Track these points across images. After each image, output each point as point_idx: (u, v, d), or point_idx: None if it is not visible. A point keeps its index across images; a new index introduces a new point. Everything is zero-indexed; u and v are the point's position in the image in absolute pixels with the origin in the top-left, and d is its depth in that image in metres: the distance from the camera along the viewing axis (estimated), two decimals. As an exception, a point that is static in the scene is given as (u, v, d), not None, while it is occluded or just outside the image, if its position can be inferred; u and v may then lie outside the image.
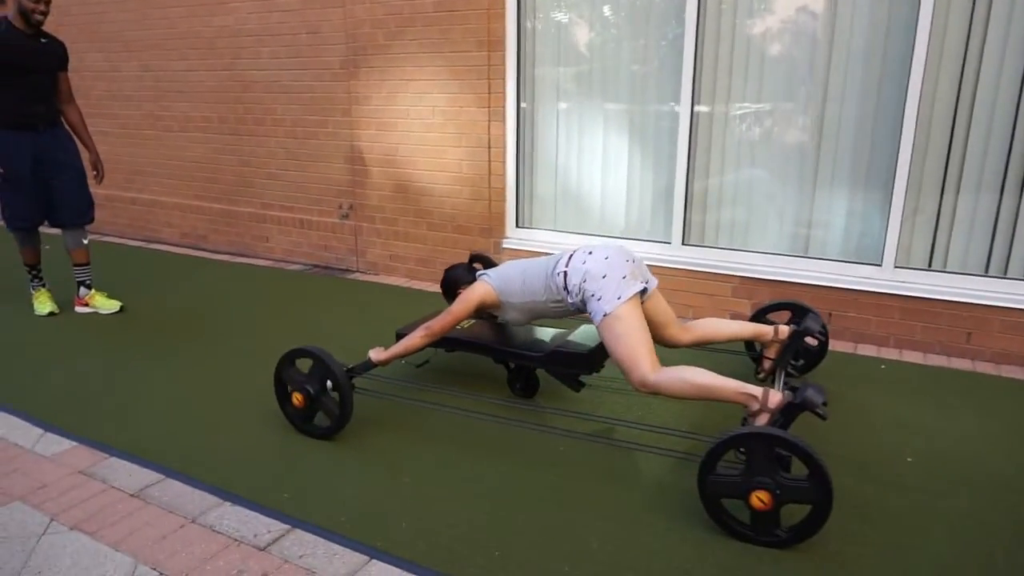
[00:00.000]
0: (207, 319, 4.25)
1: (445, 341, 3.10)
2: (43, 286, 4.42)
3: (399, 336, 3.16)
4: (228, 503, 2.35)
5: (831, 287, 3.82)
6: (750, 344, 3.39)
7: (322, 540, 2.15)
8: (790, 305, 3.25)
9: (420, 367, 3.47)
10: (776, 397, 2.31)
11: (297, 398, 2.76)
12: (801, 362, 3.27)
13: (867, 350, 3.74)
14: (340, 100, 5.12)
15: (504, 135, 4.54)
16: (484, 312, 3.02)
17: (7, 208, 4.09)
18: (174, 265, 5.63)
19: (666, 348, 2.94)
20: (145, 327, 4.09)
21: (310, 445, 2.72)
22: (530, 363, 2.96)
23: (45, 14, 3.91)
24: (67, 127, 4.25)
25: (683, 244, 4.21)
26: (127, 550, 2.11)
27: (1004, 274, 3.56)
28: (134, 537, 2.17)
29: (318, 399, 2.72)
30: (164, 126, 6.17)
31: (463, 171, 4.72)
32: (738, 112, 3.96)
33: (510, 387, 3.19)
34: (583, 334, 3.05)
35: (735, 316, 4.08)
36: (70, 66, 4.30)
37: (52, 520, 2.26)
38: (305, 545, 2.13)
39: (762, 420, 2.32)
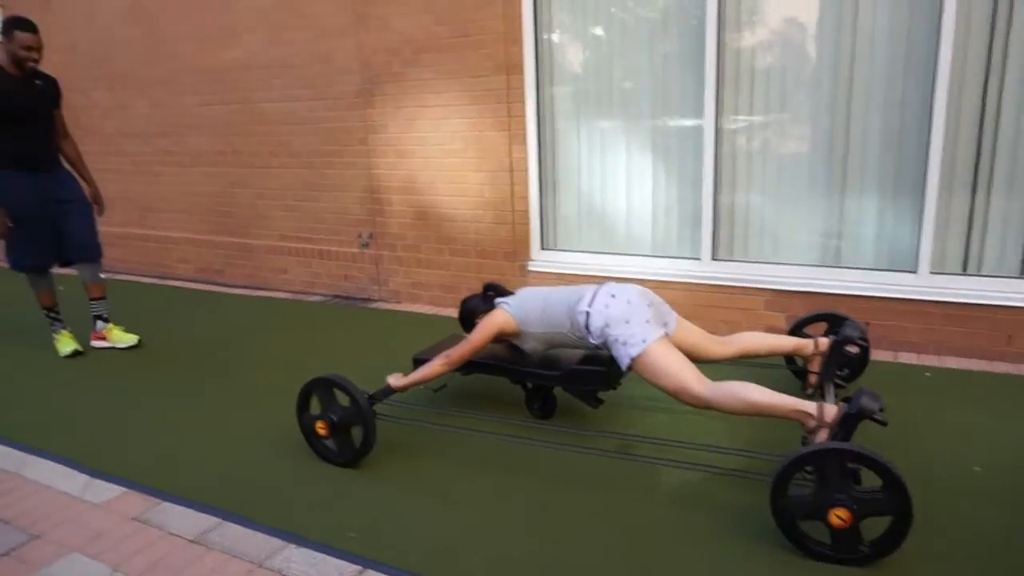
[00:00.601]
0: (230, 354, 4.20)
1: (469, 364, 3.09)
2: (64, 327, 4.37)
3: (416, 362, 3.16)
4: (292, 545, 2.30)
5: (866, 296, 3.81)
6: (790, 358, 3.37)
7: (398, 580, 2.10)
8: (826, 316, 3.24)
9: (437, 391, 3.46)
10: (832, 410, 2.28)
11: (321, 426, 2.75)
12: (846, 371, 3.25)
13: (908, 358, 3.72)
14: (356, 129, 5.12)
15: (526, 157, 4.54)
16: (502, 340, 3.06)
17: (13, 250, 4.07)
18: (192, 301, 5.58)
19: (707, 365, 2.92)
20: (169, 364, 4.04)
21: (359, 478, 2.67)
22: (548, 382, 2.95)
23: (38, 61, 3.93)
24: (66, 164, 4.25)
25: (713, 259, 4.20)
26: (197, 599, 2.06)
27: (1041, 276, 3.56)
28: (202, 585, 2.12)
29: (341, 427, 2.73)
30: (176, 161, 6.15)
31: (485, 195, 4.71)
32: (763, 123, 3.97)
33: (528, 408, 3.18)
34: None
35: (770, 329, 4.05)
36: (77, 103, 4.30)
37: (115, 571, 2.21)
38: (380, 586, 2.08)
39: (822, 436, 2.29)
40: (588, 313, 2.71)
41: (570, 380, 2.91)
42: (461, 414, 3.12)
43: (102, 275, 4.38)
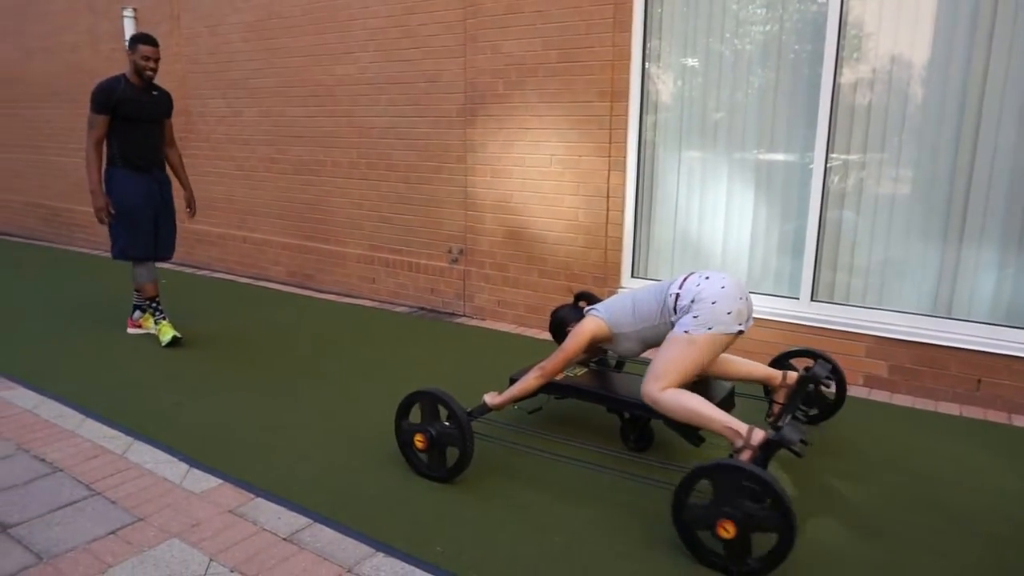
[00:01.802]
0: (323, 357, 4.31)
1: (557, 388, 3.06)
2: (164, 317, 4.65)
3: (512, 381, 3.12)
4: (381, 554, 2.31)
5: (979, 351, 3.59)
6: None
7: (485, 601, 2.08)
8: (811, 353, 3.26)
9: (532, 413, 3.42)
10: (759, 435, 2.42)
11: (419, 439, 2.77)
12: (815, 411, 3.30)
13: (1023, 421, 3.48)
14: (455, 147, 5.21)
15: (624, 184, 4.51)
16: (597, 348, 3.09)
17: (119, 240, 4.46)
18: (284, 302, 5.77)
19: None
20: (264, 361, 4.17)
21: (450, 494, 2.67)
22: (646, 413, 2.85)
23: (155, 71, 4.37)
24: (168, 170, 4.69)
25: (812, 300, 4.06)
26: (289, 598, 2.09)
27: None
28: (294, 584, 2.15)
29: (439, 442, 2.73)
30: (279, 169, 6.41)
31: (579, 219, 4.70)
32: (877, 161, 3.83)
33: (623, 439, 3.11)
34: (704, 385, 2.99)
35: (869, 378, 3.87)
36: (194, 109, 4.58)
37: (212, 560, 2.27)
38: (468, 605, 2.06)
39: (746, 455, 2.41)
40: (678, 295, 2.74)
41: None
42: (556, 439, 3.09)
43: (163, 280, 4.83)
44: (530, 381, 2.90)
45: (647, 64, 4.40)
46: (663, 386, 2.63)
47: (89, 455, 3.00)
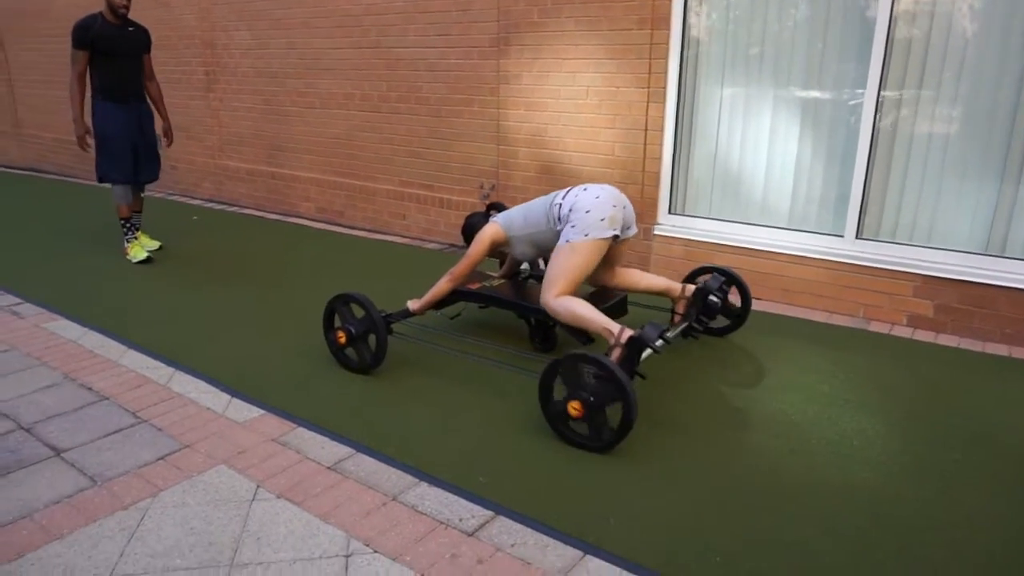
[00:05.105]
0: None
1: (476, 296, 3.41)
2: (135, 237, 5.01)
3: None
4: (424, 483, 2.33)
5: (1032, 291, 3.48)
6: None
7: (530, 531, 2.09)
8: (714, 269, 3.52)
9: (453, 319, 3.77)
10: (626, 334, 2.69)
11: (341, 336, 3.16)
12: (727, 323, 3.56)
13: (1075, 362, 3.39)
14: (488, 79, 5.07)
15: (663, 117, 4.36)
16: (514, 261, 3.55)
17: (100, 166, 4.79)
18: (315, 239, 5.76)
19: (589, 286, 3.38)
20: (298, 298, 4.17)
21: (489, 423, 2.68)
22: (546, 318, 3.13)
23: (127, 7, 4.66)
24: (148, 101, 5.00)
25: (858, 238, 3.94)
26: (336, 524, 2.12)
27: None
28: (340, 511, 2.18)
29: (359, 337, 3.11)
30: (307, 103, 6.30)
31: (616, 153, 4.58)
32: (931, 97, 3.64)
33: (531, 341, 3.45)
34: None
35: (913, 318, 3.78)
36: (219, 42, 4.50)
37: (259, 487, 2.30)
38: (514, 534, 2.07)
39: (616, 352, 2.70)
40: (560, 204, 3.04)
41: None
42: (472, 341, 3.53)
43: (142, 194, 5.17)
44: (442, 285, 3.27)
45: (691, -11, 4.20)
46: (556, 293, 2.93)
47: (133, 384, 3.04)
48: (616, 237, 3.01)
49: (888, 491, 2.29)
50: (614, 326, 2.75)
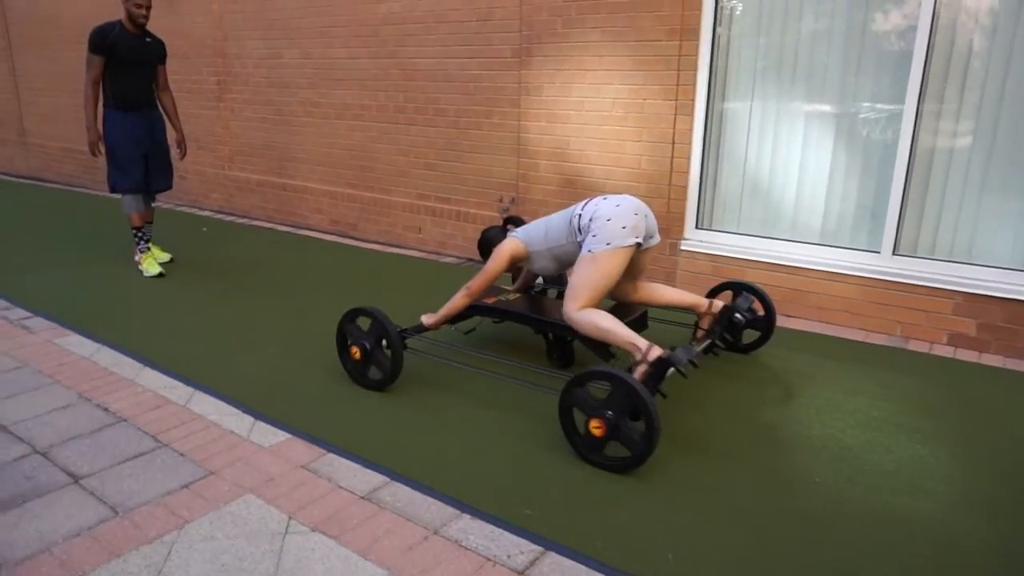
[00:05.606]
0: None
1: (491, 311, 3.29)
2: (148, 250, 4.90)
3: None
4: (467, 515, 2.20)
5: (1080, 310, 3.37)
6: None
7: (583, 568, 1.96)
8: (741, 285, 3.43)
9: (468, 334, 3.66)
10: (655, 352, 2.60)
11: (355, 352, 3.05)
12: (733, 339, 3.46)
13: None
14: (509, 90, 4.97)
15: (691, 130, 4.26)
16: (530, 275, 3.48)
17: (111, 176, 4.74)
18: (328, 252, 5.64)
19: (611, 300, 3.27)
20: (315, 317, 4.05)
21: (520, 445, 2.55)
22: (565, 333, 3.04)
23: (147, 17, 4.63)
24: (161, 111, 4.96)
25: (895, 254, 3.82)
26: (377, 561, 1.99)
27: None
28: (380, 546, 2.05)
29: (372, 354, 3.00)
30: (321, 113, 6.20)
31: (642, 167, 4.47)
32: (973, 110, 3.54)
33: (548, 357, 3.34)
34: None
35: (955, 336, 3.67)
36: (231, 51, 4.42)
37: (291, 518, 2.17)
38: (566, 571, 1.95)
39: (640, 369, 2.60)
40: (580, 215, 2.96)
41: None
42: (488, 357, 3.39)
43: (153, 204, 5.05)
44: (457, 300, 3.14)
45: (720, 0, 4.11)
46: (579, 305, 2.83)
47: (152, 405, 2.91)
48: (639, 245, 2.92)
49: (951, 524, 2.17)
50: (641, 342, 2.66)
